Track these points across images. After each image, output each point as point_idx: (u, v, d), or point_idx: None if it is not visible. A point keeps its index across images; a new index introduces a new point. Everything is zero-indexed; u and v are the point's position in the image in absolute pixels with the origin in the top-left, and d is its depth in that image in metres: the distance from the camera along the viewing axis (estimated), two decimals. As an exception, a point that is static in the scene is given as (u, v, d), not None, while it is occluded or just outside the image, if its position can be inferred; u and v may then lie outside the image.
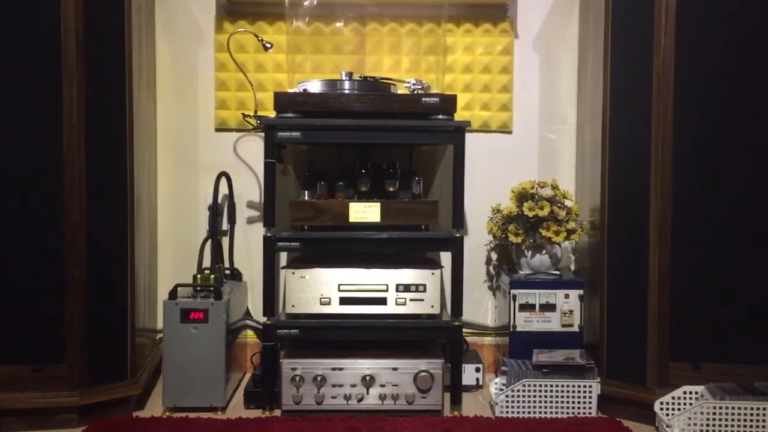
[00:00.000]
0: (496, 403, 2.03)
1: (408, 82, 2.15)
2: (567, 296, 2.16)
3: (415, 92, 2.12)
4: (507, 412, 2.01)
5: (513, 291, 2.16)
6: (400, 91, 2.19)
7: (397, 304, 2.06)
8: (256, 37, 2.33)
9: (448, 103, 2.04)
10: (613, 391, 2.02)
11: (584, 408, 2.01)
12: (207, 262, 2.29)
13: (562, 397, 2.01)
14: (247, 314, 2.39)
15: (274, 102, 2.03)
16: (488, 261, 2.53)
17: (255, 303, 2.42)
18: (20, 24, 1.85)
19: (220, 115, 2.47)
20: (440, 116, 2.04)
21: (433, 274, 2.07)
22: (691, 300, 1.96)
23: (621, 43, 2.02)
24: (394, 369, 2.02)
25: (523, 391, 2.01)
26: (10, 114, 1.87)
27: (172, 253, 2.48)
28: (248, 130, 2.46)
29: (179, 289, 2.09)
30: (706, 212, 1.95)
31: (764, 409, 1.80)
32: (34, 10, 1.85)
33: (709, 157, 1.94)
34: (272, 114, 2.09)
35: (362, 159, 2.24)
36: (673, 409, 1.91)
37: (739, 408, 1.81)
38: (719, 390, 1.87)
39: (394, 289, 2.06)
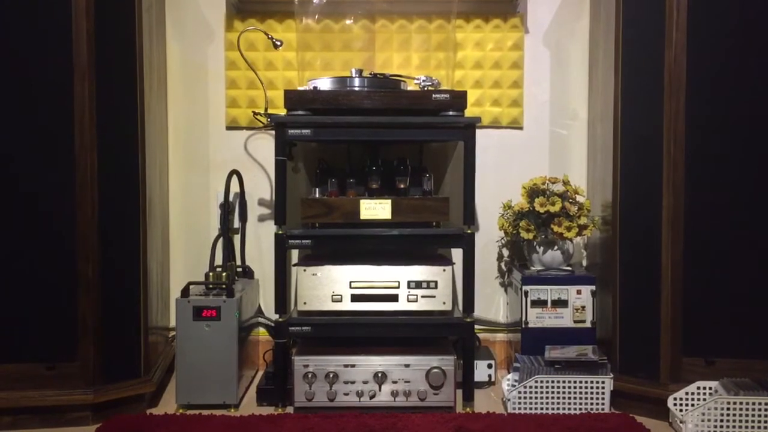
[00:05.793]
0: (509, 400, 2.03)
1: (418, 79, 2.14)
2: (579, 292, 2.15)
3: (425, 89, 2.12)
4: (519, 409, 2.01)
5: (525, 287, 2.16)
6: (410, 88, 2.18)
7: (408, 300, 2.06)
8: (266, 35, 2.33)
9: (459, 99, 2.03)
10: (626, 386, 2.02)
11: (597, 404, 2.01)
12: (219, 260, 2.30)
13: (575, 393, 2.00)
14: (259, 312, 2.40)
15: (285, 100, 2.04)
16: (499, 257, 2.52)
17: (267, 300, 2.43)
18: (32, 24, 1.86)
19: (230, 113, 2.47)
20: (450, 113, 2.03)
21: (444, 270, 2.07)
22: (703, 295, 1.95)
23: (632, 37, 2.01)
24: (406, 366, 2.02)
25: (536, 387, 2.00)
26: (22, 113, 1.88)
27: (184, 251, 2.49)
28: (259, 128, 2.46)
29: (191, 287, 2.10)
30: (719, 207, 1.93)
31: (779, 404, 1.80)
32: (46, 9, 1.86)
33: (722, 151, 1.93)
34: (283, 112, 2.09)
35: (373, 156, 2.24)
36: (686, 405, 1.90)
37: (753, 403, 1.80)
38: (733, 385, 1.86)
39: (405, 286, 2.06)
